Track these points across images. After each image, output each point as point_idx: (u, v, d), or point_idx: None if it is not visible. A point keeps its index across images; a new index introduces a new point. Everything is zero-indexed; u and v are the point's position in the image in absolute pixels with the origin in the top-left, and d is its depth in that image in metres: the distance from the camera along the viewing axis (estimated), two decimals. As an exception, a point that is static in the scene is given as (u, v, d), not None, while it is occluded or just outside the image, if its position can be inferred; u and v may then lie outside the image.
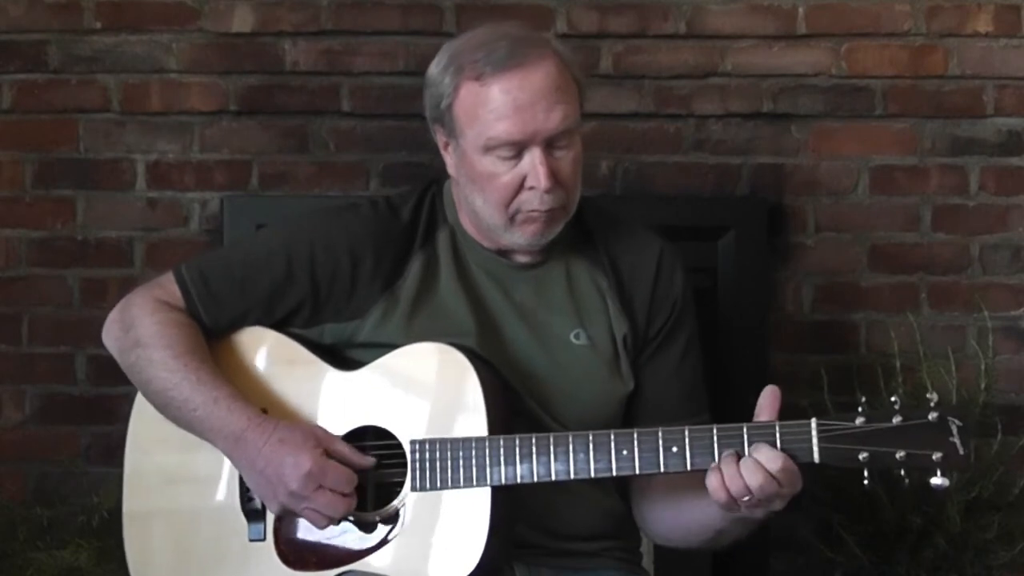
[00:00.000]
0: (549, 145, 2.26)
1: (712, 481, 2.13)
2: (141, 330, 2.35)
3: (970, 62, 3.28)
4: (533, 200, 2.28)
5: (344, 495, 2.22)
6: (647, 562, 2.57)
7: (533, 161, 2.26)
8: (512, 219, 2.30)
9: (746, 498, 2.11)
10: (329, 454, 2.24)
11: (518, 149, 2.26)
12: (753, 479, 2.10)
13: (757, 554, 3.22)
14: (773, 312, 3.28)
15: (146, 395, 2.37)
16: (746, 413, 2.16)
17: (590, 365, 2.35)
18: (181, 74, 3.26)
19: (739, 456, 2.12)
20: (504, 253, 2.38)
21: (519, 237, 2.32)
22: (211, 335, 2.38)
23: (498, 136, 2.25)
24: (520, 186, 2.28)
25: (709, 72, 3.28)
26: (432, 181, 2.45)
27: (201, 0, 3.25)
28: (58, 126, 3.27)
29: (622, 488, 2.41)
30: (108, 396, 3.18)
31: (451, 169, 2.36)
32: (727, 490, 2.12)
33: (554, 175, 2.26)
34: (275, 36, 3.26)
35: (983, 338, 3.21)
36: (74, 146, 3.27)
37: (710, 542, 2.33)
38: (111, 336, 2.40)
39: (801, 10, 3.27)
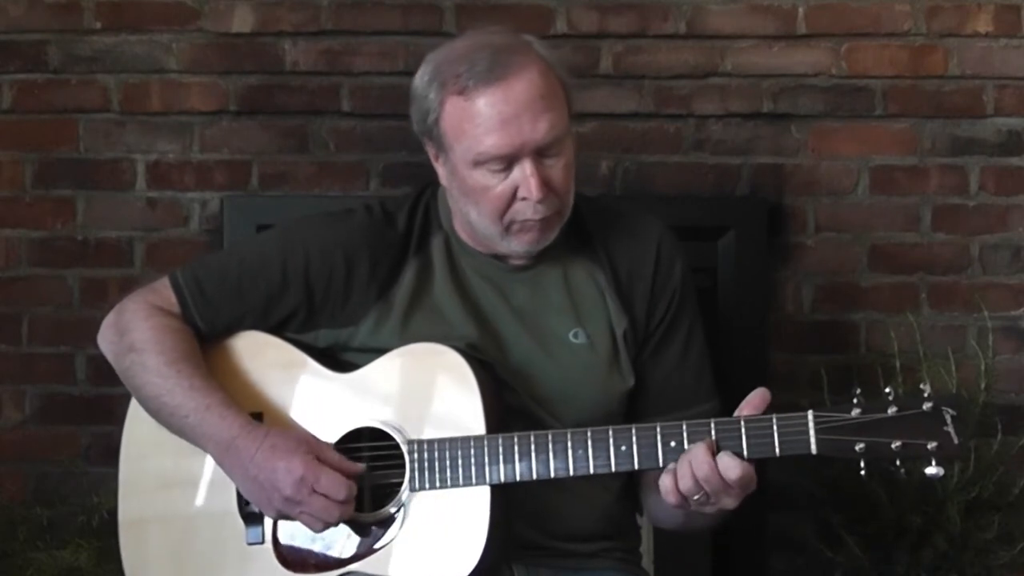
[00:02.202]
0: (539, 154, 2.25)
1: (665, 482, 2.16)
2: (135, 335, 2.36)
3: (970, 62, 3.28)
4: (527, 210, 2.28)
5: (339, 501, 2.22)
6: (647, 562, 2.57)
7: (524, 172, 2.25)
8: (507, 229, 2.30)
9: (696, 496, 2.13)
10: (320, 461, 2.24)
11: (508, 161, 2.25)
12: (700, 470, 2.12)
13: (757, 554, 3.22)
14: (773, 312, 3.28)
15: (139, 400, 2.38)
16: (746, 413, 2.16)
17: (589, 364, 2.35)
18: (181, 74, 3.26)
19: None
20: (499, 256, 2.38)
21: (516, 246, 2.32)
22: (206, 340, 2.38)
23: (487, 151, 2.25)
24: (513, 197, 2.27)
25: (709, 72, 3.27)
26: (427, 185, 2.45)
27: (201, 0, 3.25)
28: (58, 126, 3.27)
29: (626, 485, 2.41)
30: (108, 396, 3.17)
31: (443, 180, 2.36)
32: (679, 491, 2.14)
33: (546, 184, 2.26)
34: (275, 36, 3.26)
35: (983, 338, 3.21)
36: (74, 146, 3.27)
37: (681, 527, 2.36)
38: (106, 341, 2.41)
39: (801, 10, 3.27)
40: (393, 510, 2.25)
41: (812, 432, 2.11)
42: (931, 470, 2.08)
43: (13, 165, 3.27)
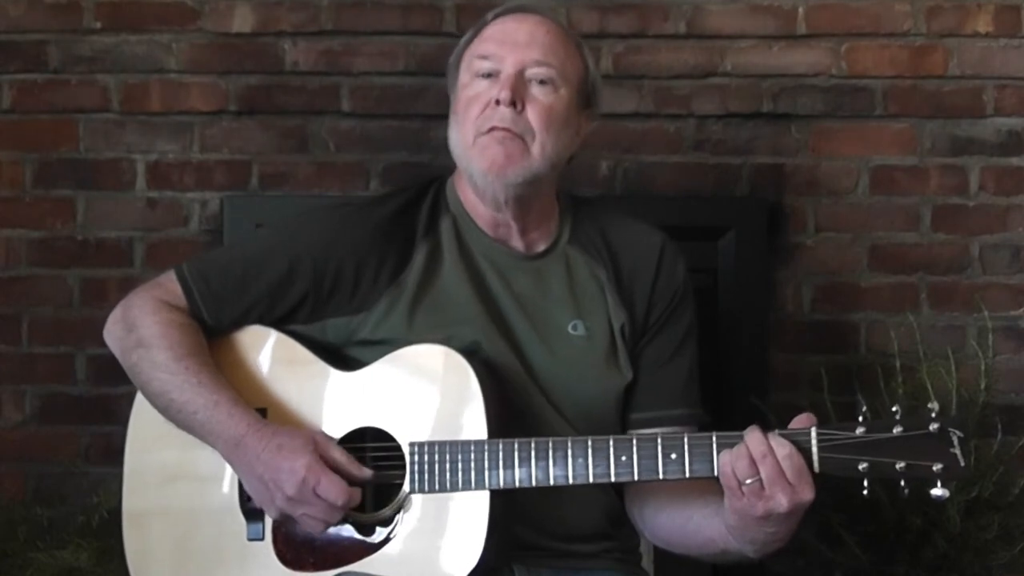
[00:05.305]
0: (523, 74, 2.34)
1: (723, 459, 2.12)
2: (143, 331, 2.36)
3: (970, 62, 3.28)
4: (493, 116, 2.32)
5: (339, 506, 2.22)
6: (646, 562, 2.57)
7: (501, 77, 2.33)
8: (475, 141, 2.34)
9: (749, 480, 2.10)
10: (325, 460, 2.24)
11: (495, 71, 2.34)
12: (756, 448, 2.09)
13: (757, 554, 3.21)
14: (773, 312, 3.28)
15: (147, 396, 2.38)
16: (746, 413, 2.17)
17: (587, 356, 2.37)
18: (181, 74, 3.26)
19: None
20: (505, 244, 2.40)
21: (478, 164, 2.34)
22: (212, 334, 2.39)
23: (478, 52, 2.36)
24: (488, 104, 2.33)
25: (709, 72, 3.27)
26: (437, 176, 2.48)
27: (201, 0, 3.25)
28: (58, 126, 3.27)
29: (617, 487, 2.41)
30: (108, 396, 3.18)
31: (450, 132, 2.40)
32: (734, 472, 2.11)
33: (521, 97, 2.32)
34: (275, 36, 3.26)
35: (983, 338, 3.20)
36: (74, 146, 3.27)
37: (713, 557, 2.32)
38: (113, 336, 2.41)
39: (801, 10, 3.27)
40: (393, 511, 2.26)
41: (815, 450, 2.10)
42: (936, 491, 2.07)
43: (13, 165, 3.27)
